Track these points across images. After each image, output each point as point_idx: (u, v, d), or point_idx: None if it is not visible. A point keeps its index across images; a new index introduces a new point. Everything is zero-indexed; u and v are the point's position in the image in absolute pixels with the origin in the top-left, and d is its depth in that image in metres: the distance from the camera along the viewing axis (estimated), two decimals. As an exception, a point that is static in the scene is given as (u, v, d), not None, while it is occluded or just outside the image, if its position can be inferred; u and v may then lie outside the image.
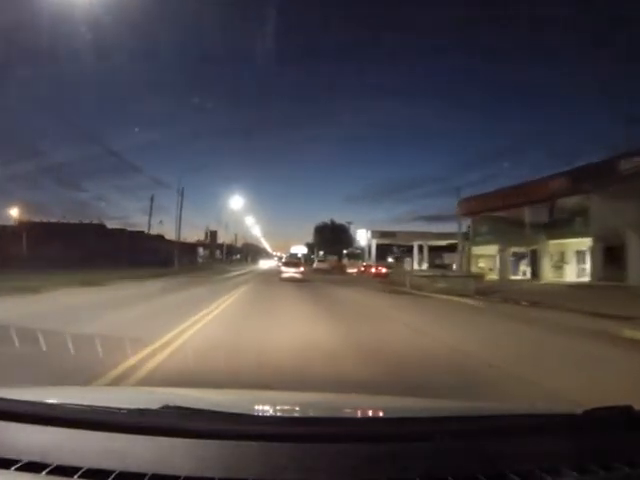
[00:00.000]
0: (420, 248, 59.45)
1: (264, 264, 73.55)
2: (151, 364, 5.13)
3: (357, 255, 72.76)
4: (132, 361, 5.07)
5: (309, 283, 25.28)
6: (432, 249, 58.74)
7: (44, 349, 4.71)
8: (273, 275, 32.97)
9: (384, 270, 43.55)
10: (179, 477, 1.05)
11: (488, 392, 4.45)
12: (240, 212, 70.01)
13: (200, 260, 66.65)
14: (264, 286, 22.40)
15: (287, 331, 7.94)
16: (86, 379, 4.12)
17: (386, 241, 64.29)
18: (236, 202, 58.09)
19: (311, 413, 1.71)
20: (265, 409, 1.74)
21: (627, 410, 1.31)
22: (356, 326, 9.23)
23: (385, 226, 65.23)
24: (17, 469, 1.07)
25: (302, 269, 28.79)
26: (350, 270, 53.52)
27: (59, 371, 4.21)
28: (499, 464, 1.15)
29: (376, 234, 63.44)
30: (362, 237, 68.00)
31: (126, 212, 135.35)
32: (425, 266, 53.44)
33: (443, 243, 54.59)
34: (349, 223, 73.65)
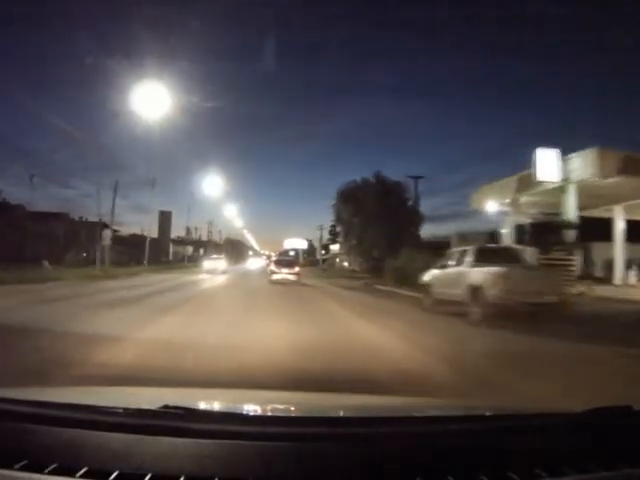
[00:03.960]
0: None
1: (214, 267, 34.33)
2: None
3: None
4: None
5: None
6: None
7: None
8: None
9: None
10: (179, 477, 1.05)
11: None
12: (218, 199, 52.64)
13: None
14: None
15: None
16: None
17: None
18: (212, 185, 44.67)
19: (312, 413, 1.70)
20: (265, 409, 1.73)
21: (627, 410, 1.32)
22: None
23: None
24: (18, 469, 1.07)
25: (297, 269, 24.17)
26: None
27: None
28: (499, 464, 1.15)
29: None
30: (550, 173, 16.80)
31: (117, 209, 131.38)
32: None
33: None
34: (417, 179, 35.28)
